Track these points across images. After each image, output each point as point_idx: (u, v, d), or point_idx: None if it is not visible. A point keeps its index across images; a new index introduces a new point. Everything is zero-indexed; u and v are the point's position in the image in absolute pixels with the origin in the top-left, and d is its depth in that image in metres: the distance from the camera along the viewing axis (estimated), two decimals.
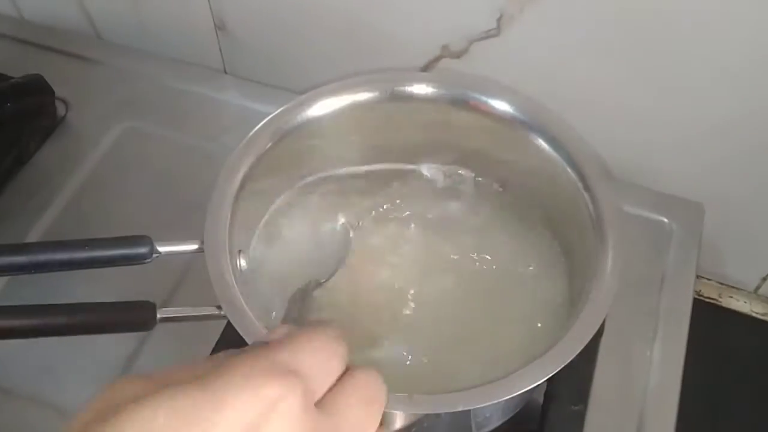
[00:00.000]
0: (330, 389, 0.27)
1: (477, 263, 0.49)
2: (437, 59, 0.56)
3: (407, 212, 0.52)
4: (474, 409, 0.36)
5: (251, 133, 0.46)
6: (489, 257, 0.49)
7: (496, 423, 0.45)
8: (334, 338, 0.28)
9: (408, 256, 0.50)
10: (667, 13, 0.46)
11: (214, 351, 0.49)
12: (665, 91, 0.51)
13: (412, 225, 0.51)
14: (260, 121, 0.47)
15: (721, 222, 0.56)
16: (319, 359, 0.27)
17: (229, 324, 0.38)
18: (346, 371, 0.28)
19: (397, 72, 0.54)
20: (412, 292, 0.48)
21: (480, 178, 0.52)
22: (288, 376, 0.24)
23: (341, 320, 0.46)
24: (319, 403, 0.26)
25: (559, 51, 0.52)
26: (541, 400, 0.47)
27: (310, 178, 0.52)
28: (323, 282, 0.47)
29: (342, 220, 0.51)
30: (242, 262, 0.44)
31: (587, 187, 0.44)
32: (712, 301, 0.60)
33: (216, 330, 0.49)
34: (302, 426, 0.24)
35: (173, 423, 0.22)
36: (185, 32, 0.65)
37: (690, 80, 0.49)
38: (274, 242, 0.49)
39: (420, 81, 0.49)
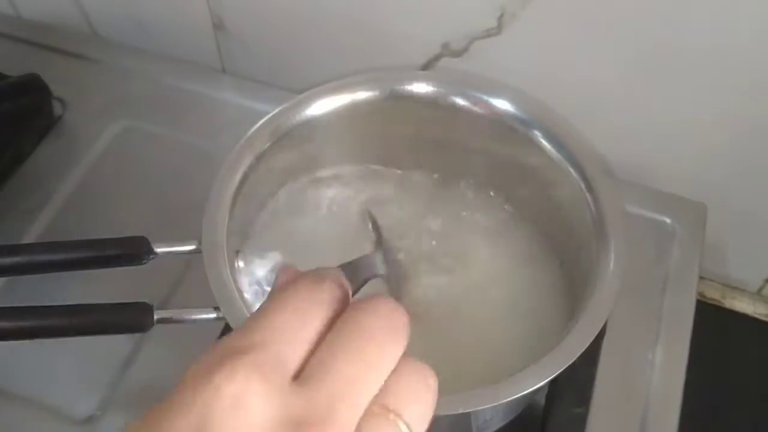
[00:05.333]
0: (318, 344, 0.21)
1: (476, 263, 0.49)
2: (437, 58, 0.56)
3: (406, 211, 0.51)
4: (475, 411, 0.36)
5: (249, 133, 0.46)
6: (488, 257, 0.49)
7: (497, 425, 0.45)
8: (315, 280, 0.22)
9: (406, 254, 0.49)
10: (670, 12, 0.46)
11: None
12: (668, 90, 0.50)
13: (412, 224, 0.51)
14: (259, 121, 0.46)
15: (724, 222, 0.55)
16: (289, 316, 0.21)
17: (227, 325, 0.38)
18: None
19: (396, 71, 0.53)
20: (411, 291, 0.48)
21: (481, 178, 0.52)
22: (238, 359, 0.20)
23: None
24: (304, 370, 0.21)
25: (561, 50, 0.51)
26: (543, 402, 0.47)
27: (309, 178, 0.52)
28: None
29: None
30: (240, 263, 0.44)
31: (589, 187, 0.44)
32: (714, 302, 0.59)
33: (214, 330, 0.48)
34: (269, 414, 0.19)
35: None
36: (183, 31, 0.64)
37: (693, 80, 0.49)
38: (274, 242, 0.49)
39: (420, 80, 0.49)
